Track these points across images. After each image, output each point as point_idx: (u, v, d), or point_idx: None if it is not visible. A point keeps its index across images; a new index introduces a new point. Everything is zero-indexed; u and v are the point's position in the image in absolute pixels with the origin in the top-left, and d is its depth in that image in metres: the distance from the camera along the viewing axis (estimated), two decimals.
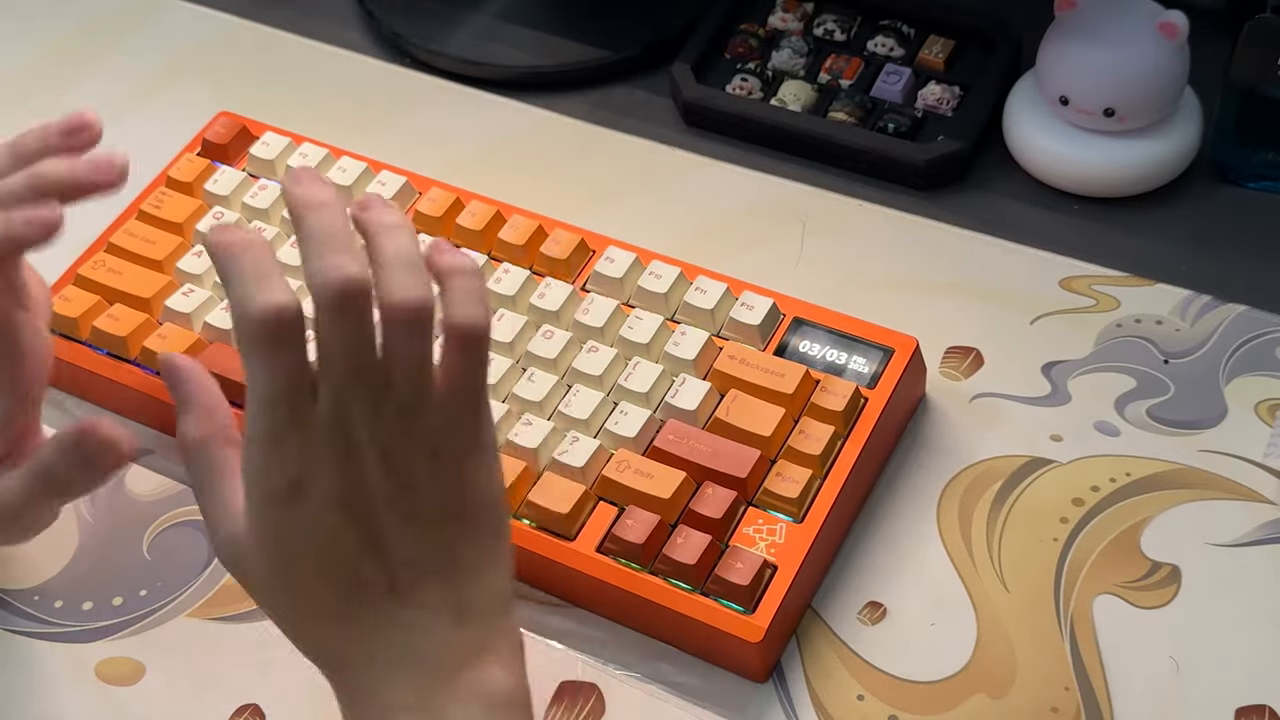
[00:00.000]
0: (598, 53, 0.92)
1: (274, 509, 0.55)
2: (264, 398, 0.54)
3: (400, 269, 0.55)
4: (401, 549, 0.56)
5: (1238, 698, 0.65)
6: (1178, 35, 0.79)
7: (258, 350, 0.54)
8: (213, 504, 0.57)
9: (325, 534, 0.55)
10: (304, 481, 0.54)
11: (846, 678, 0.67)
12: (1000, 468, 0.73)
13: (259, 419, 0.54)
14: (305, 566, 0.55)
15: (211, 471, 0.57)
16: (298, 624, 0.58)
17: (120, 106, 0.93)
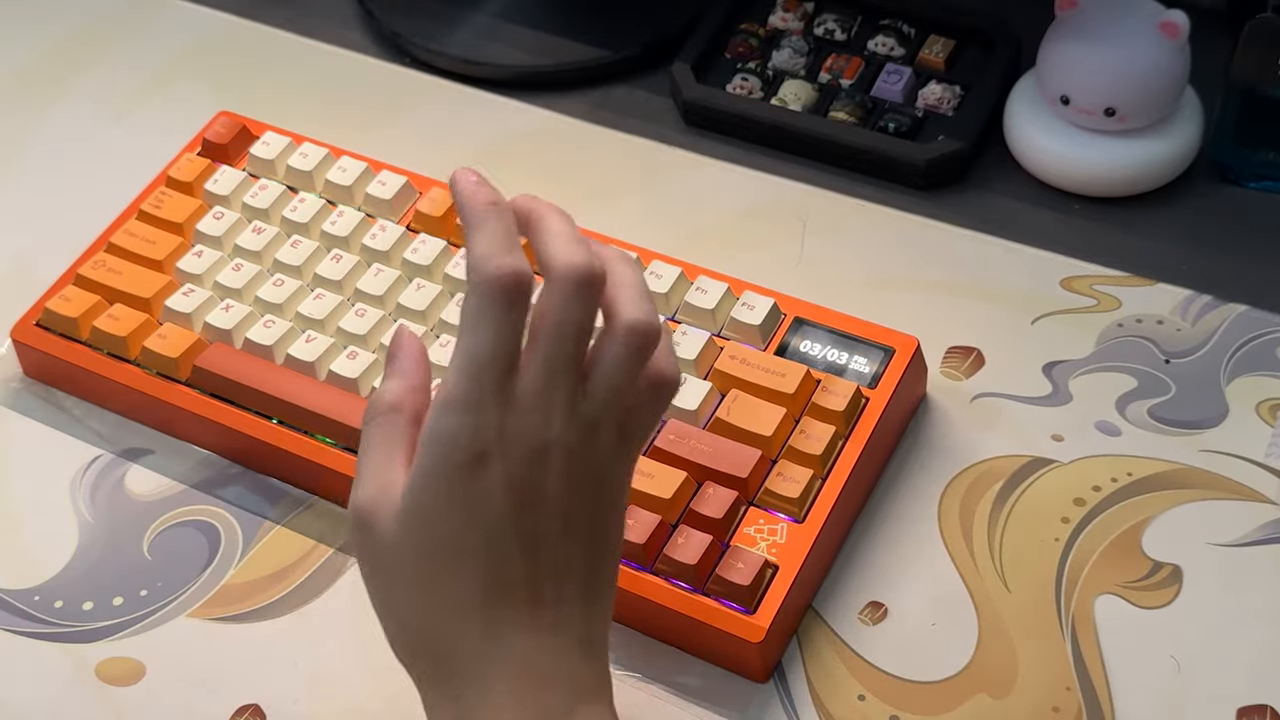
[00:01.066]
0: (598, 53, 0.92)
1: (451, 477, 0.53)
2: (478, 358, 0.53)
3: (638, 296, 0.56)
4: (556, 558, 0.55)
5: (1239, 697, 0.65)
6: (1178, 35, 0.79)
7: (489, 308, 0.53)
8: (375, 467, 0.55)
9: (493, 517, 0.54)
10: (491, 455, 0.53)
11: (847, 678, 0.67)
12: (1001, 468, 0.73)
13: (464, 382, 0.53)
14: (457, 547, 0.54)
15: (389, 440, 0.56)
16: (421, 611, 0.55)
17: (120, 106, 0.93)
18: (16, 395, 0.80)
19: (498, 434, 0.53)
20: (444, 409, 0.54)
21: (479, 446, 0.53)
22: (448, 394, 0.54)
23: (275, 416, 0.74)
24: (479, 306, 0.54)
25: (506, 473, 0.54)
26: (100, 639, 0.70)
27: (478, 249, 0.54)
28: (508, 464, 0.54)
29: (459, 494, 0.53)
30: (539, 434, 0.54)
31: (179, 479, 0.76)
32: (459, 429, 0.53)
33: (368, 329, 0.75)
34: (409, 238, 0.79)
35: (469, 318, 0.54)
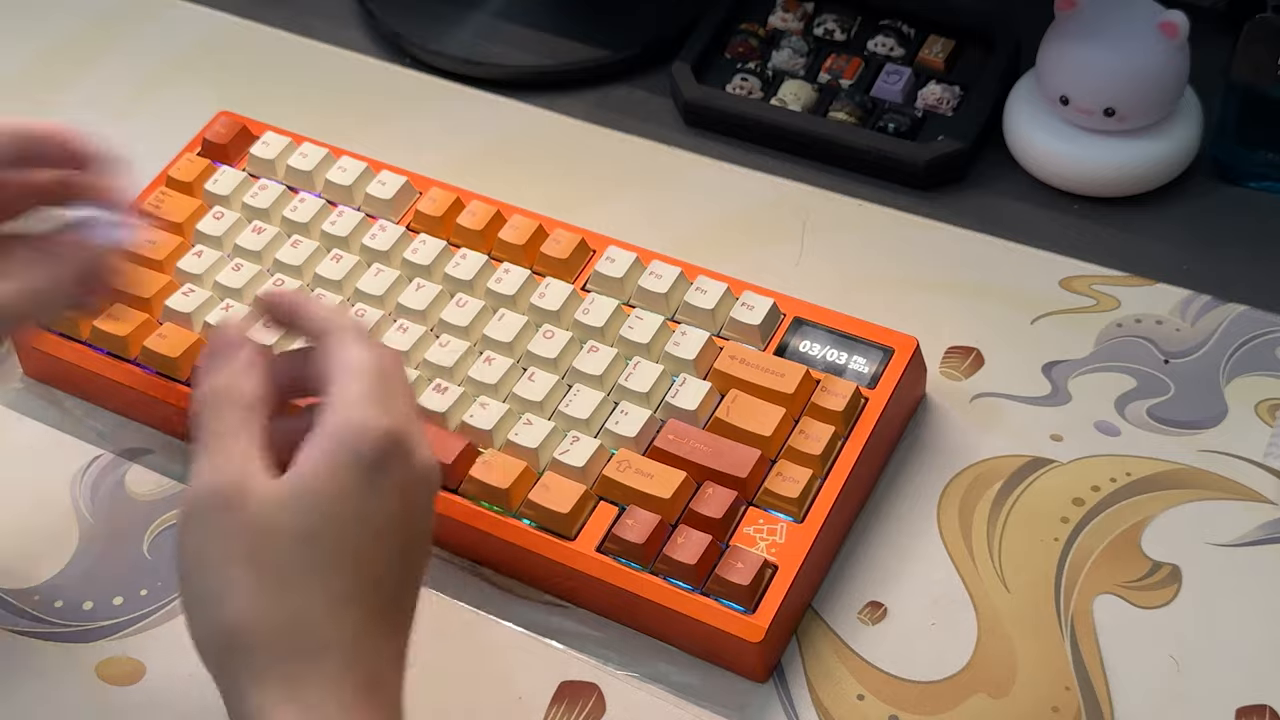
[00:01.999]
0: (598, 53, 0.92)
1: (356, 469, 0.55)
2: (381, 363, 0.58)
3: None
4: (412, 575, 0.58)
5: (1238, 697, 0.65)
6: (1178, 35, 0.79)
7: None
8: (236, 451, 0.56)
9: (385, 518, 0.56)
10: (395, 459, 0.56)
11: (847, 677, 0.67)
12: (1000, 467, 0.73)
13: (376, 383, 0.57)
14: (341, 539, 0.55)
15: (246, 425, 0.57)
16: (278, 599, 0.54)
17: (120, 106, 0.93)
18: (17, 395, 0.80)
19: (406, 441, 0.56)
20: (357, 403, 0.56)
21: (388, 445, 0.56)
22: (361, 390, 0.56)
23: None
24: (352, 335, 0.59)
25: (404, 480, 0.56)
26: (100, 639, 0.70)
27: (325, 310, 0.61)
28: (408, 472, 0.57)
29: (361, 488, 0.55)
30: (431, 458, 0.58)
31: (179, 479, 0.76)
32: (373, 425, 0.56)
33: (367, 329, 0.75)
34: (409, 238, 0.79)
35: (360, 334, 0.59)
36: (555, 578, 0.69)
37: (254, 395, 0.58)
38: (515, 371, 0.74)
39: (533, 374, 0.73)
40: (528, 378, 0.73)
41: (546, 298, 0.76)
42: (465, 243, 0.79)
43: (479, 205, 0.80)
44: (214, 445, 0.57)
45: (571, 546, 0.68)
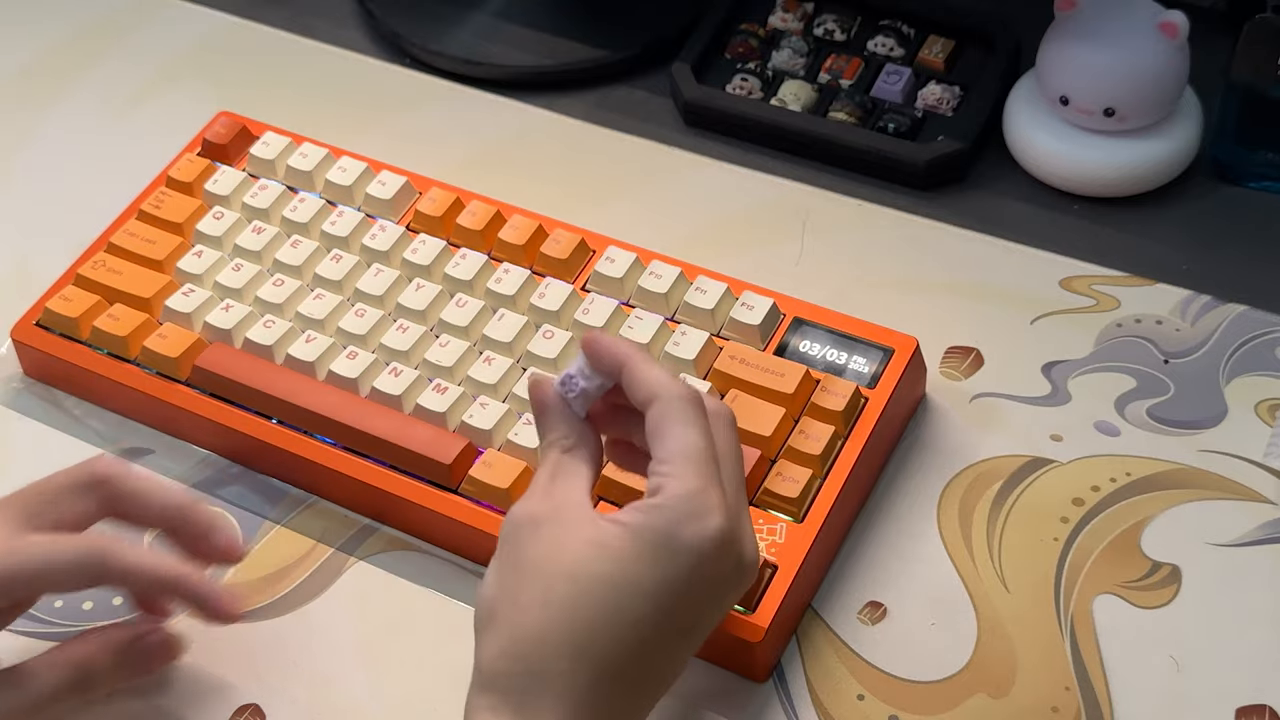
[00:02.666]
0: (598, 53, 0.92)
1: (695, 551, 0.58)
2: (707, 454, 0.60)
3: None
4: (694, 646, 0.61)
5: (1238, 697, 0.65)
6: (1178, 35, 0.79)
7: (699, 415, 0.60)
8: (580, 490, 0.60)
9: (698, 596, 0.59)
10: (724, 555, 0.59)
11: (847, 677, 0.67)
12: (1000, 468, 0.73)
13: (708, 476, 0.59)
14: (640, 607, 0.57)
15: (579, 473, 0.61)
16: (551, 617, 0.57)
17: (120, 106, 0.93)
18: (16, 395, 0.80)
19: (736, 542, 0.59)
20: (696, 495, 0.58)
21: (718, 545, 0.58)
22: (699, 479, 0.58)
23: (275, 416, 0.74)
24: (690, 412, 0.60)
25: (720, 578, 0.59)
26: None
27: (655, 374, 0.61)
28: (729, 572, 0.59)
29: (675, 570, 0.57)
30: (754, 558, 0.61)
31: (179, 479, 0.76)
32: (710, 525, 0.58)
33: (367, 329, 0.75)
34: (409, 238, 0.79)
35: (687, 420, 0.59)
36: None
37: (571, 444, 0.61)
38: (515, 371, 0.74)
39: (533, 374, 0.73)
40: (528, 378, 0.73)
41: (546, 298, 0.76)
42: (465, 243, 0.79)
43: (479, 205, 0.80)
44: (537, 483, 0.60)
45: None
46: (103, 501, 0.65)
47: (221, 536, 0.66)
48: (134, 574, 0.63)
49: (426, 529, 0.72)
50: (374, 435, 0.72)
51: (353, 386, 0.74)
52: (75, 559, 0.62)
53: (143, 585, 0.64)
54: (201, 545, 0.66)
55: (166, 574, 0.64)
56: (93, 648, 0.63)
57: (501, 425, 0.71)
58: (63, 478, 0.65)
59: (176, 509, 0.66)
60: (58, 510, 0.64)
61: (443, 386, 0.73)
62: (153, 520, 0.66)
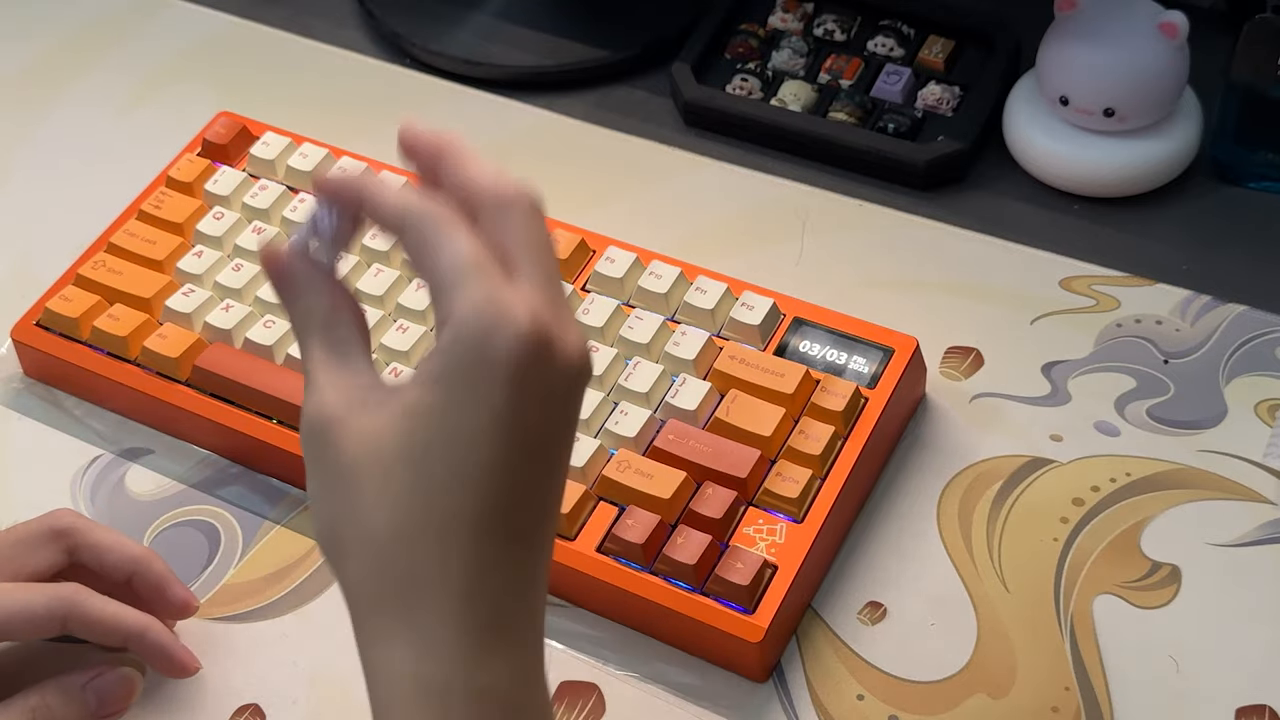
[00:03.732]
0: (598, 53, 0.92)
1: (490, 375, 0.49)
2: (480, 258, 0.50)
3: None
4: (556, 486, 0.53)
5: (1238, 698, 0.65)
6: (1178, 35, 0.79)
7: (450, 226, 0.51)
8: (341, 370, 0.52)
9: (523, 428, 0.50)
10: (533, 364, 0.50)
11: (846, 678, 0.67)
12: (1000, 468, 0.73)
13: (483, 280, 0.50)
14: (471, 455, 0.49)
15: (344, 342, 0.53)
16: (396, 523, 0.50)
17: (120, 106, 0.93)
18: (16, 395, 0.80)
19: (547, 341, 0.49)
20: (479, 305, 0.49)
21: (524, 353, 0.49)
22: (481, 291, 0.49)
23: (275, 416, 0.74)
24: (443, 226, 0.51)
25: (544, 388, 0.50)
26: None
27: (395, 197, 0.53)
28: (548, 377, 0.50)
29: (485, 401, 0.49)
30: (581, 350, 0.51)
31: (179, 479, 0.76)
32: (503, 330, 0.49)
33: None
34: None
35: (441, 234, 0.51)
36: (555, 578, 0.69)
37: (326, 306, 0.53)
38: None
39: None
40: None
41: None
42: None
43: None
44: (314, 371, 0.52)
45: (571, 546, 0.68)
46: (65, 553, 0.67)
47: (178, 589, 0.68)
48: (100, 624, 0.64)
49: None
50: None
51: None
52: (45, 607, 0.63)
53: (107, 635, 0.65)
54: (157, 598, 0.67)
55: (131, 626, 0.65)
56: (49, 697, 0.63)
57: None
58: (23, 530, 0.67)
59: (134, 561, 0.67)
60: (20, 560, 0.66)
61: None
62: (111, 572, 0.67)
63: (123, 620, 0.65)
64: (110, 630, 0.65)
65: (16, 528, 0.67)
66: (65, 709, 0.64)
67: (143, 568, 0.67)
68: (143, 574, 0.67)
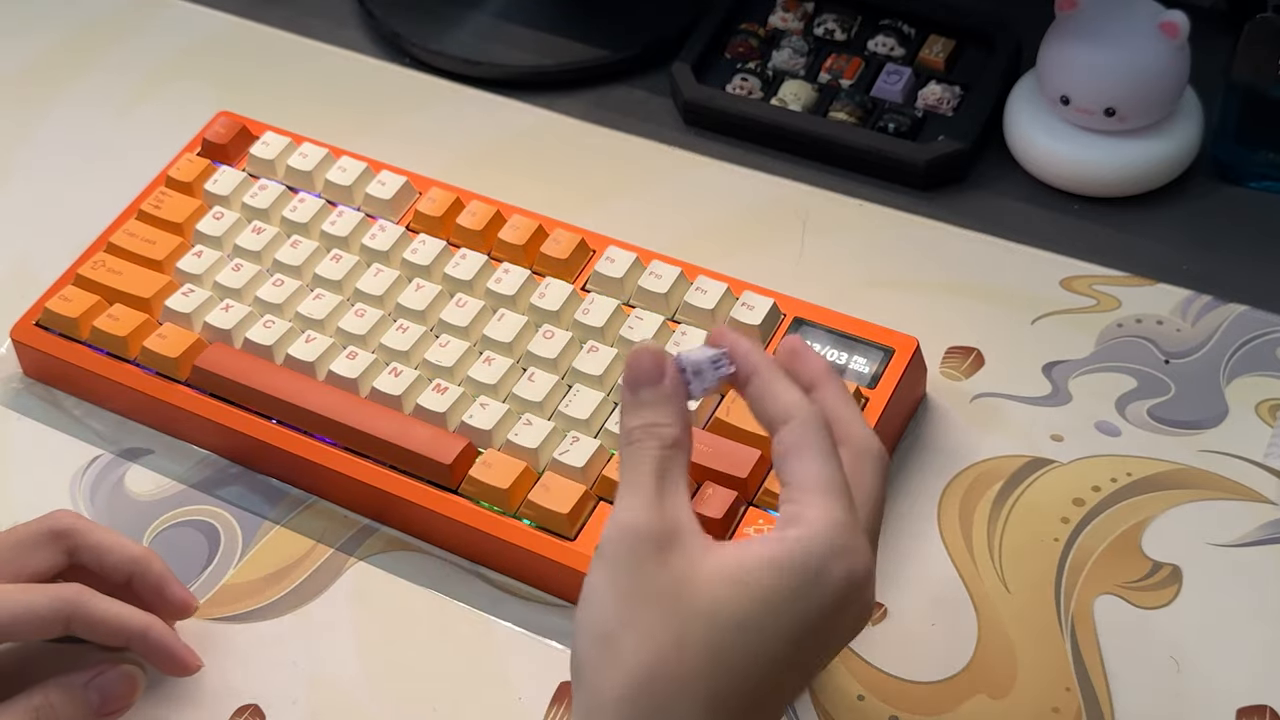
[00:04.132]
0: (598, 53, 0.92)
1: (823, 597, 0.53)
2: (842, 485, 0.56)
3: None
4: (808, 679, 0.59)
5: (1239, 698, 0.65)
6: (1178, 35, 0.79)
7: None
8: (672, 496, 0.55)
9: (823, 639, 0.55)
10: (857, 590, 0.55)
11: (847, 678, 0.67)
12: (1001, 468, 0.73)
13: (848, 509, 0.55)
14: (769, 652, 0.53)
15: (676, 473, 0.56)
16: (685, 662, 0.52)
17: (120, 106, 0.93)
18: (16, 395, 0.80)
19: (868, 585, 0.55)
20: (836, 533, 0.54)
21: (851, 587, 0.54)
22: (841, 519, 0.54)
23: (275, 416, 0.74)
24: (828, 441, 0.55)
25: (845, 623, 0.55)
26: None
27: (791, 392, 0.56)
28: (854, 613, 0.55)
29: (805, 614, 0.53)
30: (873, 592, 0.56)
31: (179, 479, 0.76)
32: (847, 566, 0.54)
33: (367, 329, 0.75)
34: (409, 238, 0.79)
35: (826, 448, 0.55)
36: (555, 578, 0.69)
37: (677, 435, 0.56)
38: (515, 372, 0.74)
39: (533, 374, 0.73)
40: (527, 378, 0.73)
41: (546, 298, 0.76)
42: (465, 243, 0.79)
43: (479, 205, 0.80)
44: (642, 485, 0.54)
45: (571, 546, 0.68)
46: (65, 554, 0.67)
47: (177, 589, 0.68)
48: (103, 625, 0.65)
49: (426, 529, 0.72)
50: (374, 435, 0.72)
51: (353, 386, 0.74)
52: (49, 608, 0.64)
53: (110, 636, 0.65)
54: (157, 598, 0.67)
55: (134, 626, 0.65)
56: (52, 695, 0.64)
57: (502, 425, 0.71)
58: (23, 531, 0.67)
59: (134, 561, 0.67)
60: (20, 562, 0.66)
61: (443, 386, 0.73)
62: (111, 573, 0.67)
63: (125, 620, 0.65)
64: (113, 630, 0.65)
65: (16, 529, 0.67)
66: (68, 708, 0.64)
67: (142, 568, 0.67)
68: (142, 574, 0.67)
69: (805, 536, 0.53)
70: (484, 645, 0.69)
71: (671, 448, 0.55)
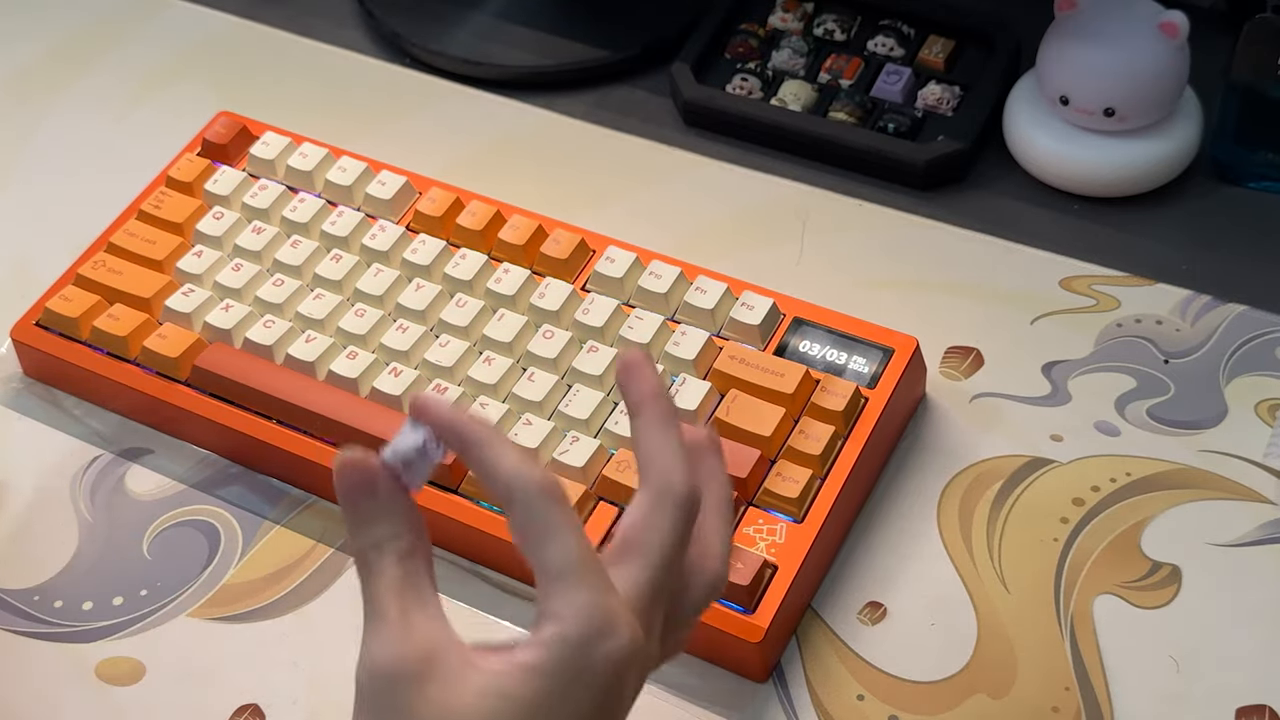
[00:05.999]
0: (598, 53, 0.92)
1: (582, 683, 0.50)
2: (587, 564, 0.51)
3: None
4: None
5: (1238, 697, 0.65)
6: (1178, 35, 0.79)
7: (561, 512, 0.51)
8: (419, 617, 0.51)
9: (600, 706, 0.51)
10: (628, 674, 0.52)
11: (846, 678, 0.67)
12: (1000, 468, 0.73)
13: (599, 593, 0.51)
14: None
15: (419, 586, 0.52)
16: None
17: (121, 106, 0.93)
18: (16, 395, 0.80)
19: (635, 655, 0.51)
20: (580, 621, 0.50)
21: (617, 666, 0.50)
22: (585, 602, 0.50)
23: (275, 416, 0.74)
24: (555, 513, 0.51)
25: (634, 685, 0.52)
26: (100, 639, 0.70)
27: (510, 462, 0.51)
28: (627, 681, 0.51)
29: (587, 699, 0.50)
30: (647, 658, 0.53)
31: (179, 479, 0.76)
32: (603, 651, 0.50)
33: (367, 329, 0.75)
34: (409, 238, 0.79)
35: (553, 524, 0.51)
36: None
37: (409, 544, 0.52)
38: (515, 371, 0.74)
39: (532, 374, 0.73)
40: (527, 378, 0.73)
41: (546, 298, 0.76)
42: (465, 243, 0.79)
43: (479, 205, 0.80)
44: (385, 612, 0.51)
45: None
46: None
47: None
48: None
49: None
50: (374, 435, 0.72)
51: (353, 386, 0.74)
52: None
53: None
54: None
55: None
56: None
57: (501, 426, 0.71)
58: None
59: None
60: None
61: (442, 386, 0.73)
62: None
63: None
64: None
65: None
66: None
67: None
68: None
69: (558, 635, 0.50)
70: None
71: (407, 558, 0.51)
